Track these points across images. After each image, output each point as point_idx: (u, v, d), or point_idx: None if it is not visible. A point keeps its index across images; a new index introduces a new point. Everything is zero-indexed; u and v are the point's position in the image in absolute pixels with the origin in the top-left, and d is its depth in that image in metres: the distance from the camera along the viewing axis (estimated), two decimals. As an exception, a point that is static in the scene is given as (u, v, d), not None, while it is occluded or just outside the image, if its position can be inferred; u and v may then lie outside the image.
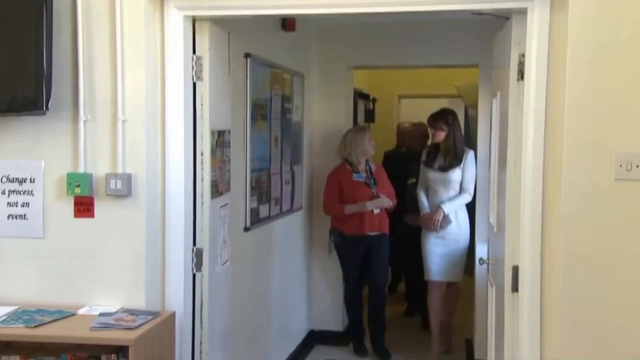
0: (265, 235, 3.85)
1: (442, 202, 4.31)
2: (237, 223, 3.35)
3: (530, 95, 2.32)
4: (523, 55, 2.36)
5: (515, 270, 2.41)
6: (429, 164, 4.42)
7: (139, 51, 2.49)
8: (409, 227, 4.77)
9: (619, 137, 2.22)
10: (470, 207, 4.44)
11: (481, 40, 3.57)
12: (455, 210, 4.32)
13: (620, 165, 2.21)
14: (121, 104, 2.49)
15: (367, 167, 4.51)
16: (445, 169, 4.32)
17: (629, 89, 2.22)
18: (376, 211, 4.43)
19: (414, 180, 4.71)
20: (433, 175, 4.37)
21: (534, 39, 2.30)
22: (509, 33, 2.49)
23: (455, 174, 4.30)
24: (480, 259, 3.21)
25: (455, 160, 4.31)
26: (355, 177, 4.44)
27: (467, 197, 4.35)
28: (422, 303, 4.85)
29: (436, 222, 4.29)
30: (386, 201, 4.46)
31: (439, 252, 4.37)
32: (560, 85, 2.26)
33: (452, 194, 4.32)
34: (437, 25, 4.40)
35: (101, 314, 2.43)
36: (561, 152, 2.26)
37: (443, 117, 4.38)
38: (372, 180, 4.48)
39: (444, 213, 4.29)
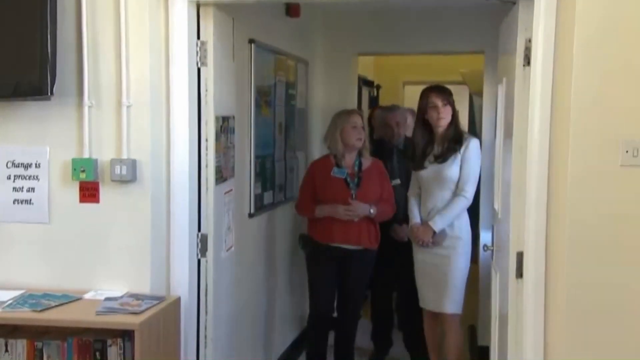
0: (269, 222, 3.86)
1: (435, 208, 3.41)
2: (241, 209, 3.35)
3: (537, 81, 2.30)
4: (529, 41, 2.35)
5: (520, 256, 2.41)
6: (420, 160, 3.45)
7: (144, 36, 2.48)
8: (396, 243, 3.88)
9: (626, 123, 2.21)
10: (474, 202, 3.54)
11: (487, 27, 3.54)
12: (450, 223, 3.40)
13: (627, 151, 2.20)
14: (126, 90, 2.48)
15: (357, 162, 3.62)
16: (443, 157, 3.38)
17: (636, 75, 2.20)
18: (356, 219, 3.54)
19: (398, 180, 3.90)
20: (425, 171, 3.45)
21: (540, 24, 2.29)
22: (515, 18, 2.48)
23: (453, 170, 3.37)
24: (485, 246, 3.22)
25: (455, 145, 3.39)
26: (334, 172, 3.58)
27: (462, 202, 3.38)
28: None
29: (424, 243, 3.44)
30: (362, 208, 3.51)
31: (428, 272, 3.49)
32: (567, 71, 2.24)
33: (449, 196, 3.40)
34: (443, 12, 4.37)
35: (107, 299, 2.44)
36: (567, 138, 2.25)
37: (448, 91, 3.49)
38: (357, 180, 3.57)
39: (434, 232, 3.39)
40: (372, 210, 3.55)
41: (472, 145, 3.42)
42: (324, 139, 3.80)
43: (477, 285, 4.45)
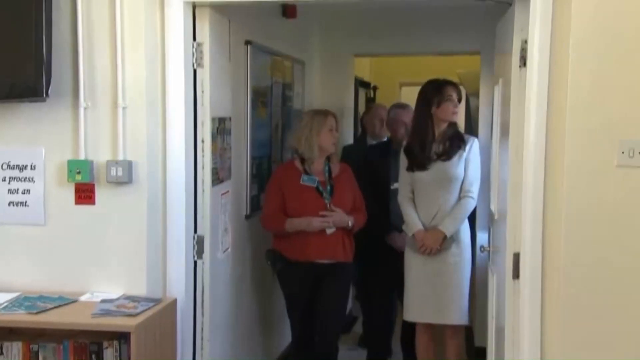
0: (266, 223, 3.84)
1: (441, 212, 3.20)
2: (238, 210, 3.35)
3: (533, 81, 2.30)
4: (526, 42, 2.35)
5: (517, 257, 2.41)
6: (419, 161, 3.24)
7: (139, 37, 2.48)
8: (395, 252, 3.54)
9: (622, 124, 2.21)
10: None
11: (483, 27, 3.55)
12: (460, 226, 3.23)
13: (623, 152, 2.20)
14: (121, 91, 2.48)
15: (326, 168, 3.34)
16: (447, 154, 3.20)
17: (633, 75, 2.20)
18: (329, 231, 3.23)
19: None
20: (425, 172, 3.23)
21: (536, 25, 2.28)
22: (511, 19, 2.47)
23: (459, 169, 3.21)
24: (481, 247, 3.20)
25: (460, 143, 3.23)
26: (304, 180, 3.26)
27: (470, 204, 3.23)
28: None
29: (432, 250, 3.21)
30: (340, 218, 3.23)
31: (430, 281, 3.24)
32: (563, 72, 2.24)
33: (454, 198, 3.22)
34: (439, 12, 4.37)
35: (102, 301, 2.44)
36: (563, 139, 2.25)
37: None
38: (329, 187, 3.28)
39: (445, 236, 3.19)
40: (350, 223, 3.27)
41: (476, 146, 3.29)
42: (294, 141, 3.39)
43: (473, 286, 4.44)
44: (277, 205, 3.27)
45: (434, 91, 3.31)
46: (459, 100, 3.33)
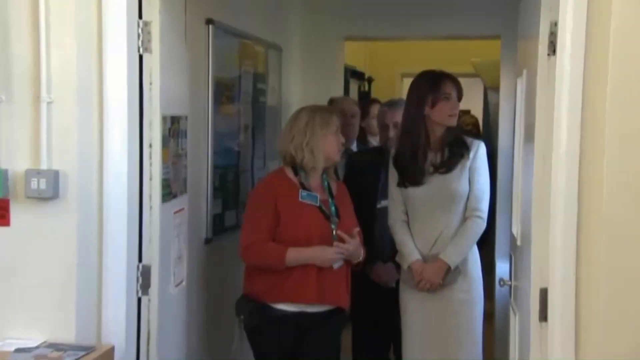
0: (231, 248, 3.80)
1: (443, 237, 3.20)
2: (196, 233, 3.36)
3: (564, 73, 2.30)
4: (555, 24, 2.34)
5: (544, 293, 2.40)
6: (411, 175, 3.22)
7: (69, 14, 2.47)
8: (381, 290, 3.58)
9: (675, 127, 2.20)
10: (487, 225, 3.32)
11: (504, 6, 3.56)
12: (467, 254, 3.23)
13: (676, 162, 2.19)
14: (45, 82, 2.46)
15: (326, 184, 3.17)
16: (447, 166, 3.19)
17: (687, 65, 2.20)
18: (337, 265, 3.04)
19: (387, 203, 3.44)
20: (421, 188, 3.22)
21: (569, 3, 2.28)
22: (538, -4, 2.48)
23: (462, 183, 3.19)
24: (501, 280, 3.19)
25: (461, 150, 3.22)
26: (303, 196, 3.04)
27: (479, 226, 3.22)
28: None
29: (433, 285, 3.19)
30: (356, 249, 3.06)
31: (432, 325, 3.22)
32: (602, 62, 2.23)
33: (458, 219, 3.22)
34: (449, -13, 4.40)
35: (17, 350, 2.39)
36: (602, 144, 2.23)
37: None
38: (333, 208, 3.11)
39: (449, 268, 3.18)
40: (362, 257, 3.14)
41: (482, 152, 3.26)
42: (282, 141, 3.17)
43: (492, 327, 4.43)
44: (269, 228, 3.00)
45: (428, 87, 3.26)
46: (459, 99, 3.29)
